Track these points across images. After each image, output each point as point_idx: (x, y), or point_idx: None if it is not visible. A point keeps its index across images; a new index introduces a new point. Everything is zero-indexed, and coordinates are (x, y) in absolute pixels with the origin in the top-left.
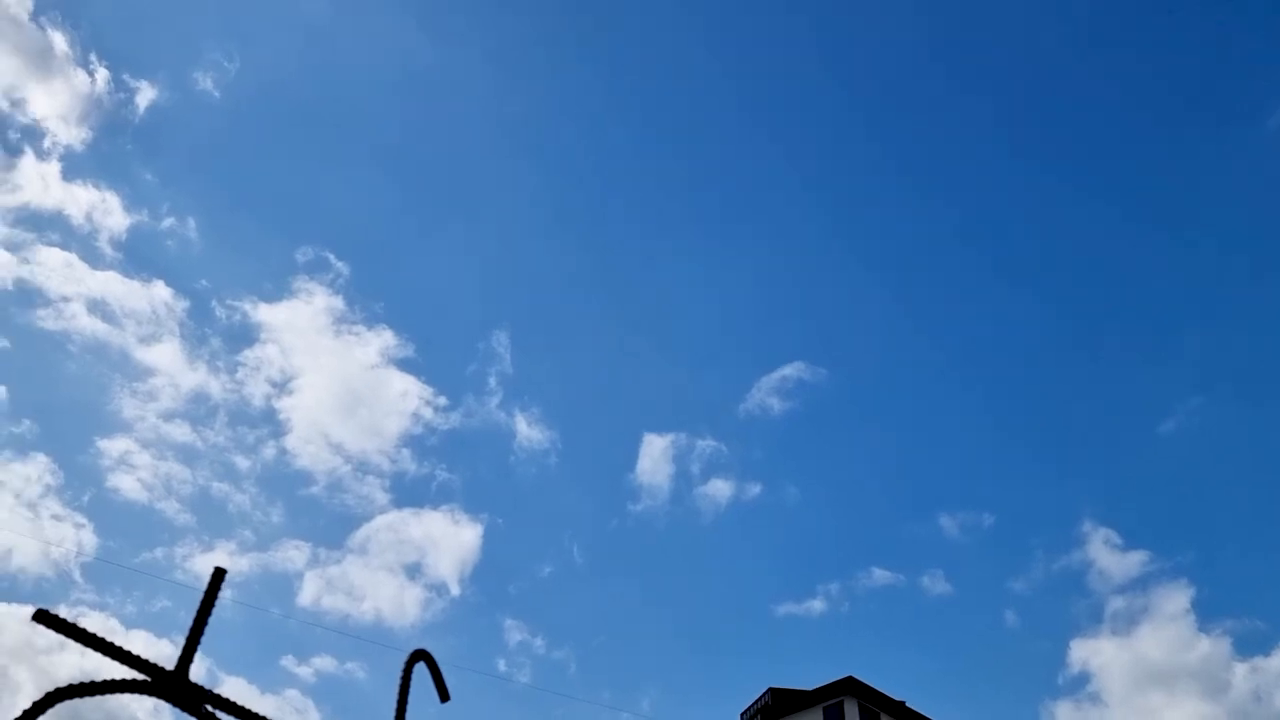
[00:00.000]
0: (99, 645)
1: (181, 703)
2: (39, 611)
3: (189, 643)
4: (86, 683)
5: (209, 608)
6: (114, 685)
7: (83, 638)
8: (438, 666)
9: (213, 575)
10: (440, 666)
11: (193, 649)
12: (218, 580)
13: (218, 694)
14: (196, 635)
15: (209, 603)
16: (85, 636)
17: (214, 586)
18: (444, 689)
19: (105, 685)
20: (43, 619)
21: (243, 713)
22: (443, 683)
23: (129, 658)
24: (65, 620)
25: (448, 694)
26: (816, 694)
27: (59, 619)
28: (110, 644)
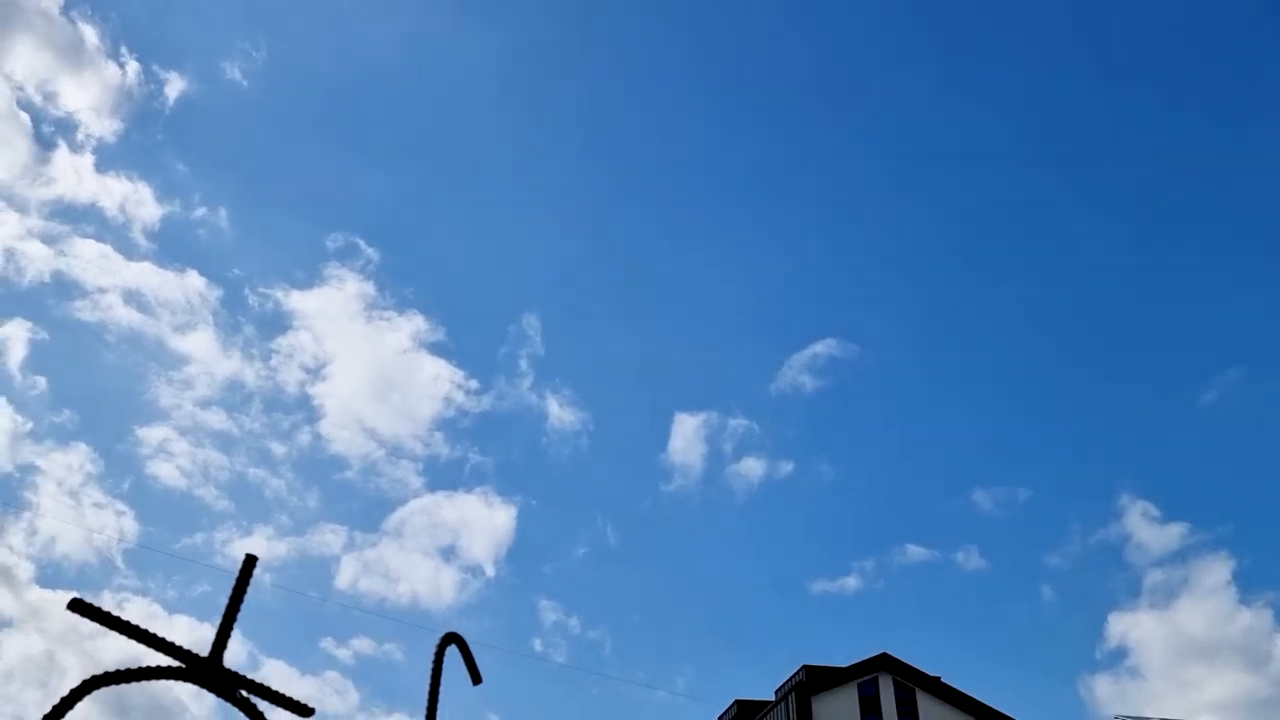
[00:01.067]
0: (134, 633)
1: (216, 688)
2: (74, 601)
3: (222, 629)
4: (122, 670)
5: (241, 594)
6: (149, 672)
7: (118, 626)
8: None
9: (244, 563)
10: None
11: (226, 635)
12: (249, 567)
13: (251, 679)
14: (229, 622)
15: (241, 589)
16: (120, 624)
17: (245, 573)
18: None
19: (140, 672)
20: (78, 608)
21: (276, 697)
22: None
23: (164, 645)
24: (100, 609)
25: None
26: (851, 670)
27: (94, 608)
28: (145, 631)
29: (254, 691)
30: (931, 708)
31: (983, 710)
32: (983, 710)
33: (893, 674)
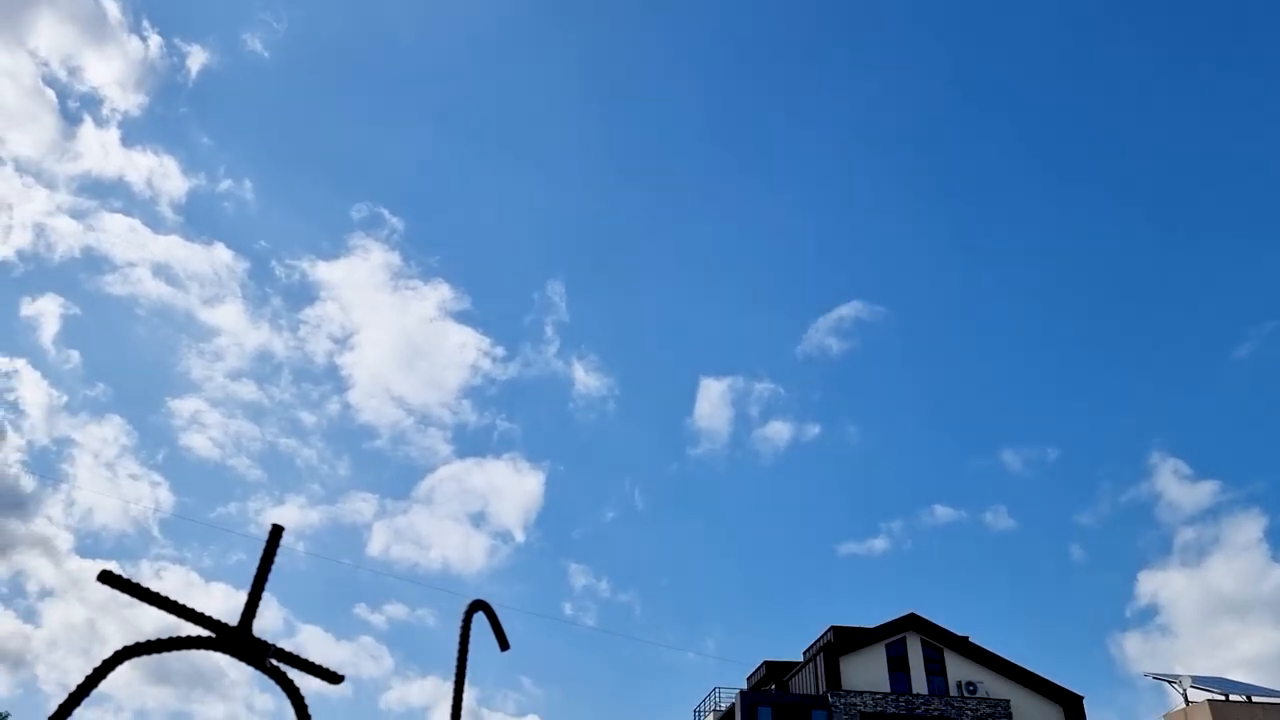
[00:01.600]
0: (163, 603)
1: (246, 657)
2: (104, 573)
3: (250, 599)
4: (153, 640)
5: (268, 565)
6: (179, 642)
7: (147, 596)
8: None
9: (270, 533)
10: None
11: (255, 605)
12: (275, 538)
13: (281, 647)
14: (258, 591)
15: (268, 560)
16: (149, 595)
17: (272, 544)
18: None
19: (171, 642)
20: (108, 580)
21: (305, 665)
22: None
23: (194, 615)
24: (129, 580)
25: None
26: (879, 631)
27: (123, 579)
28: (174, 602)
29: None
30: (959, 667)
31: (1011, 669)
32: (1011, 669)
33: (921, 634)
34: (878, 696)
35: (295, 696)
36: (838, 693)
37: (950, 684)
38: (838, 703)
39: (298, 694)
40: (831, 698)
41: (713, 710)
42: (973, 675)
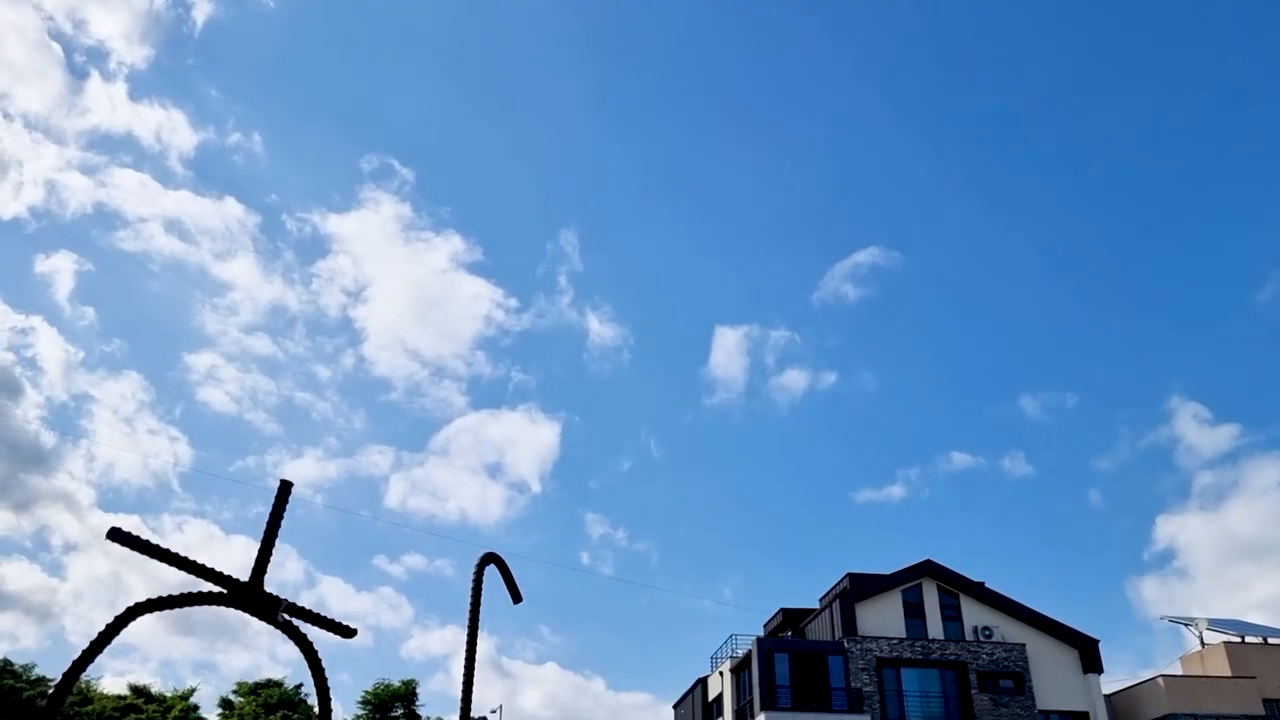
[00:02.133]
0: (172, 560)
1: (257, 612)
2: (113, 530)
3: (261, 554)
4: (166, 596)
5: (278, 520)
6: (191, 598)
7: (156, 553)
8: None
9: (279, 489)
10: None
11: (265, 560)
12: (284, 493)
13: (292, 602)
14: (268, 546)
15: (277, 515)
16: (159, 552)
17: (281, 499)
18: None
19: (183, 598)
20: (116, 537)
21: (317, 619)
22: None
23: (204, 571)
24: (138, 538)
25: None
26: (895, 577)
27: (132, 536)
28: (184, 558)
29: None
30: (975, 612)
31: (1026, 613)
32: (1026, 613)
33: (937, 580)
34: (893, 642)
35: (308, 650)
36: (854, 639)
37: (966, 629)
38: (854, 648)
39: (310, 647)
40: (848, 644)
41: (729, 657)
42: (988, 620)
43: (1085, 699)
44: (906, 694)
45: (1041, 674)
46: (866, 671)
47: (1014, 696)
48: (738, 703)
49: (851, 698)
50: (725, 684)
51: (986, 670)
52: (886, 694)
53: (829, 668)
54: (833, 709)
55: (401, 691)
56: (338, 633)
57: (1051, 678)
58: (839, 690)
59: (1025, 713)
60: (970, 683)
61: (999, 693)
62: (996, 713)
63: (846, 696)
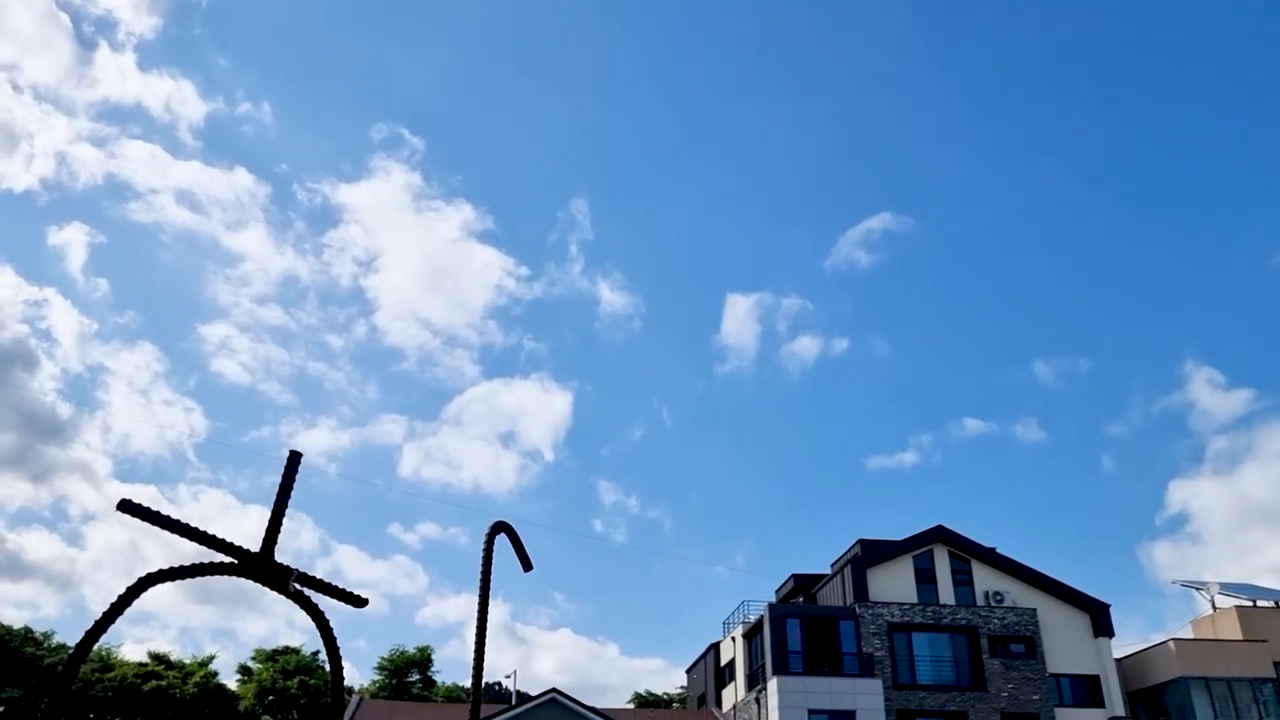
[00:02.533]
0: (182, 530)
1: (268, 582)
2: (123, 501)
3: (271, 525)
4: (177, 567)
5: (287, 491)
6: (202, 569)
7: (166, 524)
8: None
9: (288, 459)
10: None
11: (275, 531)
12: (294, 464)
13: (303, 572)
14: (278, 517)
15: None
16: (169, 523)
17: (290, 470)
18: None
19: (194, 569)
20: (127, 508)
21: (328, 589)
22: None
23: (214, 541)
24: (148, 509)
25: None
26: (906, 543)
27: (142, 507)
28: (194, 529)
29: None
30: (987, 577)
31: (1038, 578)
32: (1038, 578)
33: (948, 546)
34: (905, 607)
35: (319, 619)
36: (865, 604)
37: (977, 594)
38: (865, 614)
39: (321, 617)
40: (859, 609)
41: (741, 623)
42: (1000, 586)
43: (1096, 662)
44: (918, 658)
45: (1052, 638)
46: (878, 636)
47: (1025, 660)
48: (750, 667)
49: (863, 662)
50: (738, 649)
51: (998, 635)
52: (898, 658)
53: (840, 633)
54: (844, 673)
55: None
56: (349, 602)
57: (1062, 642)
58: (850, 655)
59: (1036, 676)
60: (981, 647)
61: (1010, 657)
62: (1008, 676)
63: (858, 661)
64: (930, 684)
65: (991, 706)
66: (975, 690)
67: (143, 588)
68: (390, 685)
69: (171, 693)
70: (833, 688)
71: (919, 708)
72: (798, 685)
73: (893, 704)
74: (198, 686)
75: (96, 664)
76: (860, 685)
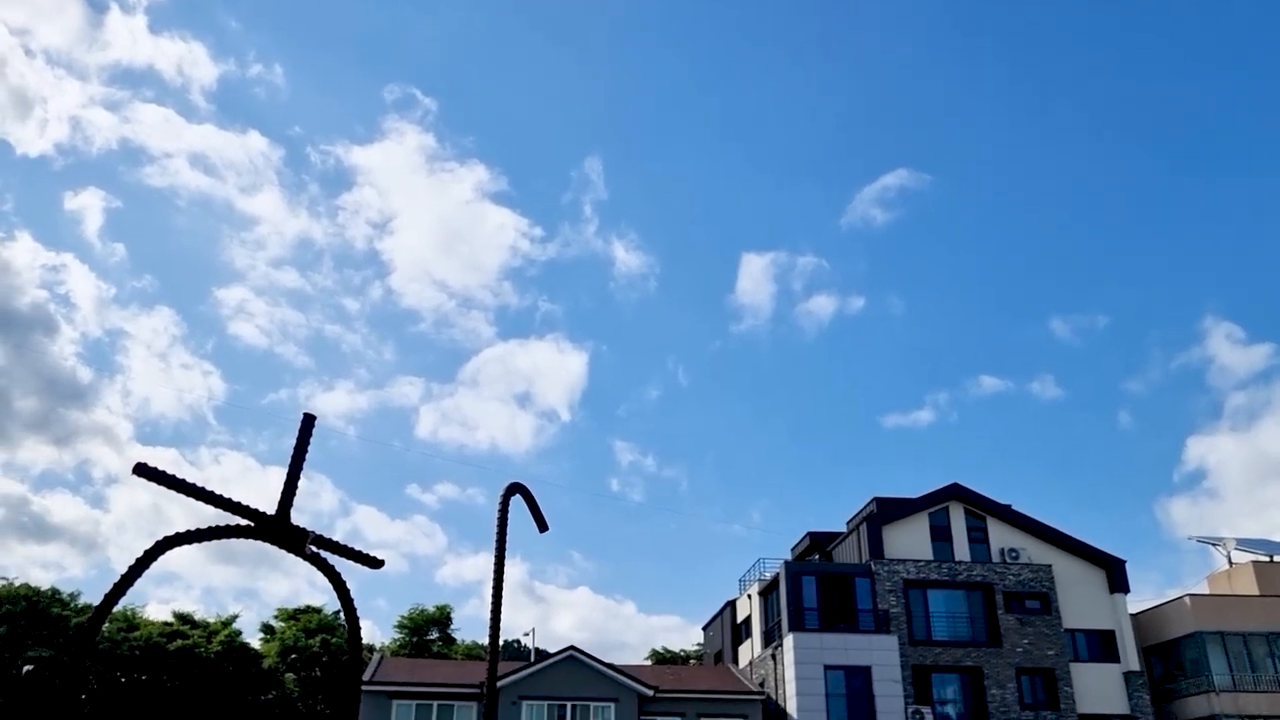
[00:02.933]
0: (197, 494)
1: (284, 544)
2: (138, 465)
3: (286, 488)
4: (194, 530)
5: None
6: (218, 531)
7: (181, 487)
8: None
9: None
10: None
11: (291, 493)
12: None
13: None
14: (293, 480)
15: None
16: (183, 486)
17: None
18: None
19: (211, 531)
20: (142, 472)
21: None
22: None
23: (230, 504)
24: (162, 472)
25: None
26: (921, 501)
27: (157, 471)
28: (209, 493)
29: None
30: (1002, 534)
31: (1053, 535)
32: (1053, 535)
33: (964, 503)
34: (920, 564)
35: (336, 581)
36: (881, 561)
37: (993, 551)
38: (880, 571)
39: (338, 578)
40: (875, 566)
41: (757, 580)
42: (1015, 543)
43: (1111, 618)
44: (933, 615)
45: (1068, 594)
46: (894, 593)
47: (1040, 616)
48: (766, 624)
49: (879, 618)
50: (754, 606)
51: (1013, 591)
52: (914, 615)
53: (856, 590)
54: (860, 629)
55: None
56: (365, 563)
57: (1078, 597)
58: (866, 611)
59: (1051, 631)
60: (996, 603)
61: (1025, 613)
62: (1023, 631)
63: (874, 617)
64: (945, 640)
65: (1006, 661)
66: (990, 645)
67: (159, 552)
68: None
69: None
70: (848, 644)
71: (934, 663)
72: (813, 641)
73: (908, 659)
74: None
75: (122, 624)
76: (876, 641)
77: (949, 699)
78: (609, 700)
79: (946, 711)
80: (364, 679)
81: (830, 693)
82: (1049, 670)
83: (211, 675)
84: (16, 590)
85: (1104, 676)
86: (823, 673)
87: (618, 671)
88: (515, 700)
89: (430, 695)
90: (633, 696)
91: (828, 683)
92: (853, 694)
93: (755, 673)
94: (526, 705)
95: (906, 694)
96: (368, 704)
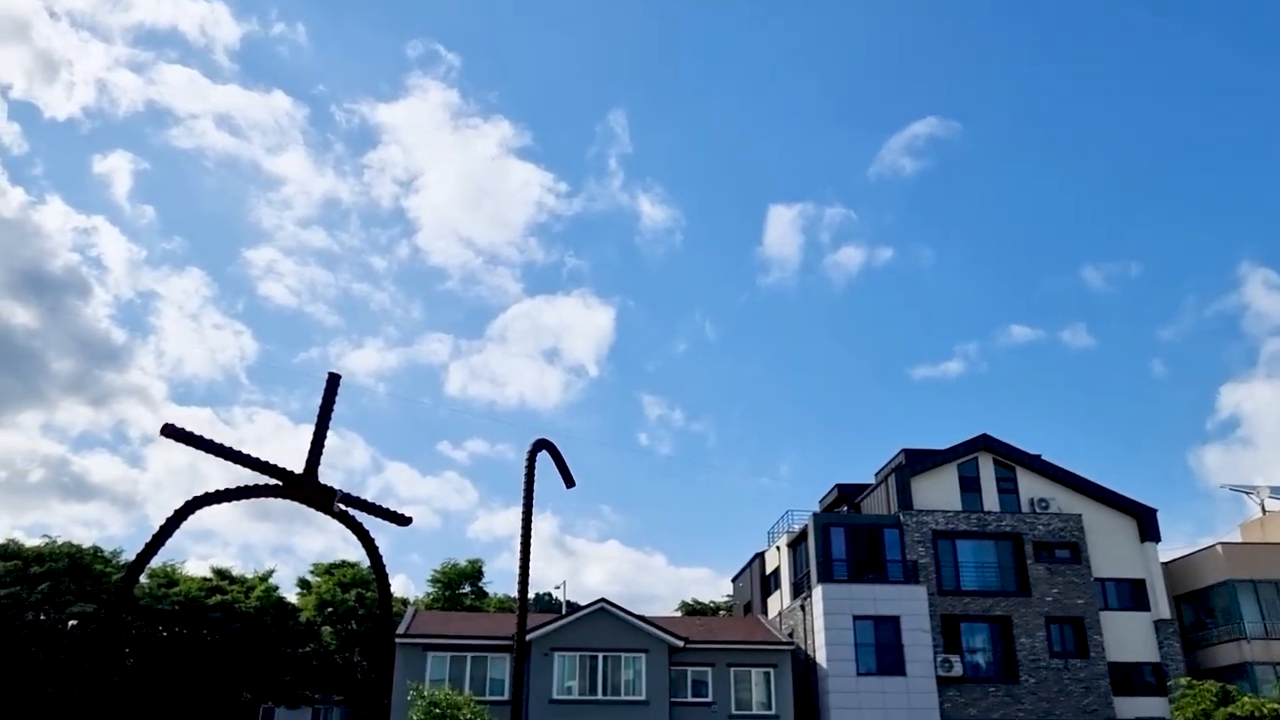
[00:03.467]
0: (225, 453)
1: (313, 502)
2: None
3: (313, 447)
4: (223, 490)
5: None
6: (247, 491)
7: (210, 448)
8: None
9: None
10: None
11: (318, 452)
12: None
13: (347, 493)
14: (320, 439)
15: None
16: (212, 446)
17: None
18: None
19: (240, 491)
20: (171, 433)
21: (372, 508)
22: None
23: (258, 464)
24: (191, 433)
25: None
26: (950, 452)
27: (185, 431)
28: (238, 453)
29: (350, 504)
30: (1031, 485)
31: (1083, 484)
32: (1083, 484)
33: (993, 453)
34: (949, 515)
35: (365, 538)
36: (909, 512)
37: (1022, 502)
38: (909, 521)
39: (367, 535)
40: (903, 517)
41: (786, 532)
42: (1045, 493)
43: (1142, 567)
44: (962, 565)
45: (1098, 543)
46: (922, 544)
47: (1070, 565)
48: (795, 576)
49: (907, 569)
50: (783, 558)
51: (1043, 541)
52: (942, 565)
53: (885, 541)
54: (889, 580)
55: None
56: (393, 520)
57: (1108, 546)
58: (895, 562)
59: (1081, 580)
60: (1026, 553)
61: (1055, 562)
62: (1052, 581)
63: (903, 568)
64: (974, 589)
65: (1036, 610)
66: (1020, 595)
67: (188, 511)
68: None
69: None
70: (877, 594)
71: (963, 612)
72: (843, 592)
73: (937, 609)
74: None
75: (162, 579)
76: (905, 591)
77: (978, 648)
78: (640, 651)
79: (976, 660)
80: (399, 632)
81: (859, 642)
82: (1078, 619)
83: (250, 629)
84: (59, 548)
85: (1134, 625)
86: (851, 623)
87: (648, 623)
88: (547, 652)
89: (464, 647)
90: (663, 647)
91: (856, 633)
92: (881, 644)
93: (784, 623)
94: (558, 656)
95: (935, 643)
96: (403, 655)
